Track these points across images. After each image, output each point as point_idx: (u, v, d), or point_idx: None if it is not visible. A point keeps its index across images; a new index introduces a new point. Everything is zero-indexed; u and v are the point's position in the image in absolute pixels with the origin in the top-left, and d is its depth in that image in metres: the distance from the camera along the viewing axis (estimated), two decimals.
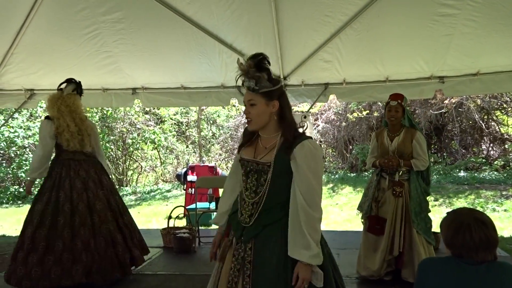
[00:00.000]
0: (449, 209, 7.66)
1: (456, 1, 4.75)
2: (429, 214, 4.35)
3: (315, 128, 14.00)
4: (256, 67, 2.16)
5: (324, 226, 7.28)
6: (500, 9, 4.86)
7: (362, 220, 4.49)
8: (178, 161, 15.95)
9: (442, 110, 12.11)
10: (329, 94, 6.59)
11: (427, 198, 4.40)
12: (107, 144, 13.97)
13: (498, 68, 5.96)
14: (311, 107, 7.56)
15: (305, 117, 6.83)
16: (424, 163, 4.19)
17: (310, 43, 5.65)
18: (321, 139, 14.68)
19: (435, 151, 13.74)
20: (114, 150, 14.88)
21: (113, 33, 5.52)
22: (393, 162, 4.13)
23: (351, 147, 14.17)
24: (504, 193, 8.58)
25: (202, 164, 10.38)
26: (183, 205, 7.17)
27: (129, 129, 14.80)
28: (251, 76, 2.17)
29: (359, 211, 4.54)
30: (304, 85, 6.46)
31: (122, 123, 14.62)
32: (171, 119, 15.81)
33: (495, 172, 11.42)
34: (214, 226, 6.95)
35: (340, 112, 13.96)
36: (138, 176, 15.88)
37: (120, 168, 15.20)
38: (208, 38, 5.51)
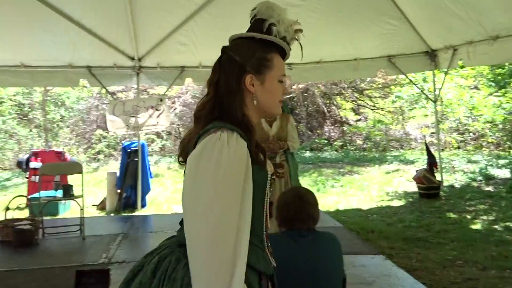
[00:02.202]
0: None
1: None
2: None
3: (172, 111, 13.89)
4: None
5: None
6: (338, 2, 5.38)
7: None
8: (20, 146, 14.43)
9: (291, 95, 13.03)
10: (186, 77, 6.60)
11: None
12: None
13: (337, 57, 6.63)
14: (167, 90, 7.49)
15: (161, 100, 6.74)
16: (297, 145, 4.51)
17: (165, 25, 5.57)
18: (179, 123, 14.63)
19: None
20: None
21: None
22: (276, 146, 4.32)
23: None
24: (341, 170, 9.65)
25: (48, 150, 9.53)
26: (25, 194, 6.54)
27: None
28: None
29: None
30: (160, 68, 6.36)
31: None
32: (10, 100, 14.18)
33: (335, 152, 12.73)
34: (60, 215, 6.49)
35: (197, 95, 14.05)
36: None
37: None
38: (52, 13, 5.04)
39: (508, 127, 10.28)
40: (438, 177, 7.21)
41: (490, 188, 7.34)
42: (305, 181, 8.75)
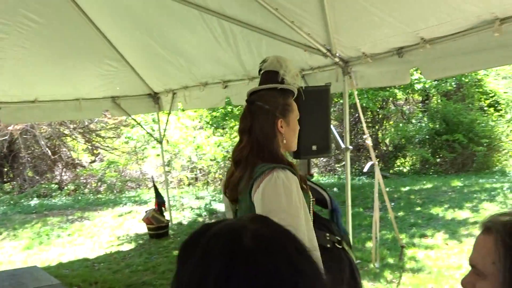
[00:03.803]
0: (14, 242, 7.26)
1: (3, 26, 4.54)
2: None
3: None
4: None
5: None
6: (50, 40, 5.01)
7: None
8: None
9: (6, 137, 11.52)
10: None
11: None
12: None
13: (57, 96, 6.15)
14: None
15: None
16: None
17: None
18: None
19: (8, 179, 12.98)
20: None
21: None
22: None
23: None
24: (70, 217, 8.86)
25: None
26: None
27: None
28: None
29: None
30: None
31: None
32: None
33: (67, 197, 11.79)
34: None
35: None
36: None
37: None
38: None
39: (228, 164, 11.50)
40: (167, 216, 7.40)
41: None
42: (27, 233, 7.73)
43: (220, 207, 8.82)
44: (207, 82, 5.53)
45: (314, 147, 3.45)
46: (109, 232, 7.78)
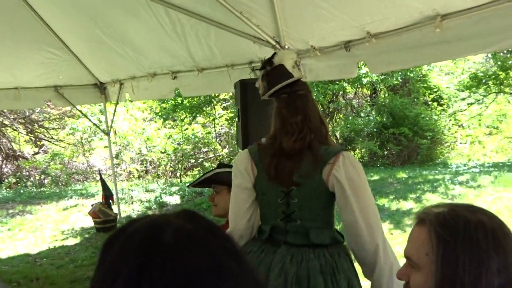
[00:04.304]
0: None
1: None
2: None
3: None
4: None
5: None
6: None
7: None
8: None
9: None
10: None
11: None
12: None
13: None
14: None
15: None
16: None
17: None
18: None
19: None
20: None
21: None
22: None
23: None
24: (11, 211, 8.42)
25: None
26: None
27: None
28: None
29: None
30: None
31: None
32: None
33: (8, 190, 11.24)
34: None
35: None
36: None
37: None
38: None
39: (179, 156, 11.36)
40: (115, 209, 7.20)
41: None
42: None
43: (170, 199, 8.70)
44: (156, 72, 5.39)
45: (263, 140, 3.44)
46: (53, 226, 7.49)
